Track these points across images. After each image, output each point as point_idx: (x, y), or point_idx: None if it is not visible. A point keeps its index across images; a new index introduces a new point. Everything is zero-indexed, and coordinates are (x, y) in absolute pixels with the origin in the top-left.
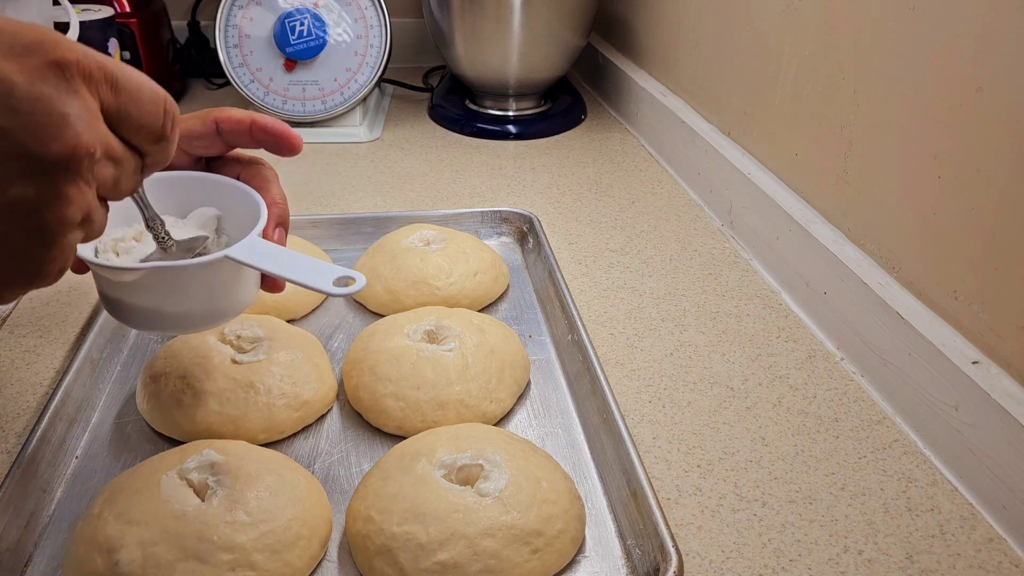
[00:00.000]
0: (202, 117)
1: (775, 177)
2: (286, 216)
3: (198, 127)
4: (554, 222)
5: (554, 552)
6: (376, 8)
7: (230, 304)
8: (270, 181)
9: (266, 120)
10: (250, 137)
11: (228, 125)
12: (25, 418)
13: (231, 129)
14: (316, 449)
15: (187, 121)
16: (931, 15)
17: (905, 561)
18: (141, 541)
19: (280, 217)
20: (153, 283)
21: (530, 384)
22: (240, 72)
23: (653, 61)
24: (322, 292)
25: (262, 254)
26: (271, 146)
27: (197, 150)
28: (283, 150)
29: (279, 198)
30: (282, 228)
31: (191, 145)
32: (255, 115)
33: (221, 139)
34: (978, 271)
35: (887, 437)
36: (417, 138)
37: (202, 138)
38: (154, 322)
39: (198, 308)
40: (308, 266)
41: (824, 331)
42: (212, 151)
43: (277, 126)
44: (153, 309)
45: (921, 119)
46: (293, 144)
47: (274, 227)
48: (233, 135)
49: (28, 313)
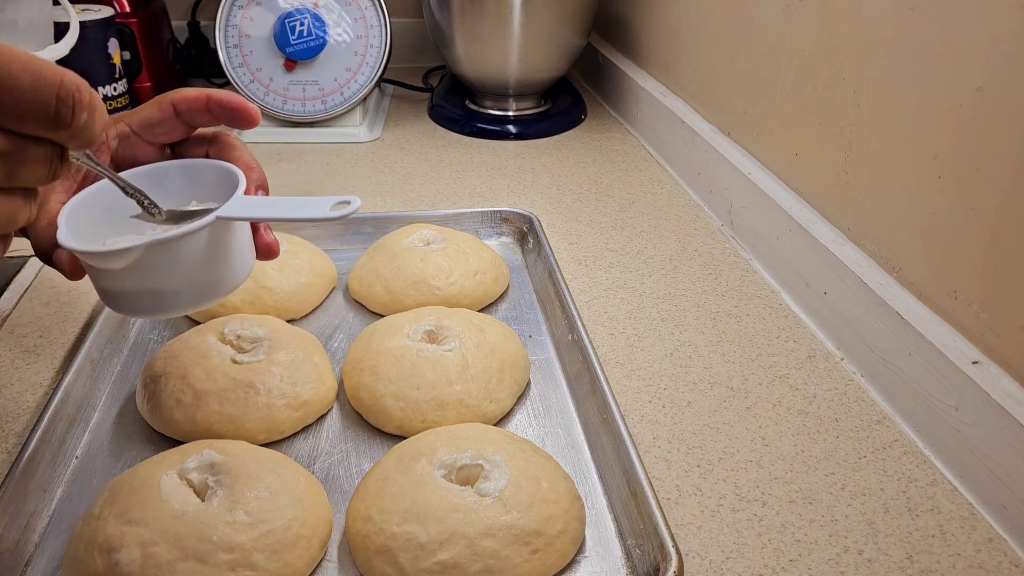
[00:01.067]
0: (158, 103)
1: (775, 177)
2: (263, 178)
3: (156, 114)
4: (554, 222)
5: (554, 552)
6: (376, 8)
7: (228, 272)
8: (238, 149)
9: (221, 94)
10: (208, 113)
11: (185, 104)
12: (25, 418)
13: (188, 108)
14: (316, 449)
15: (144, 110)
16: (931, 15)
17: (905, 561)
18: (141, 541)
19: (258, 180)
20: (146, 261)
21: (530, 384)
22: (240, 72)
23: (653, 61)
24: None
25: (252, 206)
26: (229, 120)
27: (159, 137)
28: (241, 122)
29: (252, 162)
30: (262, 190)
31: (152, 133)
32: (210, 91)
33: (180, 121)
34: (978, 271)
35: (887, 437)
36: (417, 138)
37: (162, 124)
38: (156, 304)
39: (196, 280)
40: (300, 202)
41: (824, 331)
42: (174, 136)
43: (233, 99)
44: (153, 290)
45: (921, 119)
46: (251, 116)
47: (255, 189)
48: (191, 114)
49: (28, 313)
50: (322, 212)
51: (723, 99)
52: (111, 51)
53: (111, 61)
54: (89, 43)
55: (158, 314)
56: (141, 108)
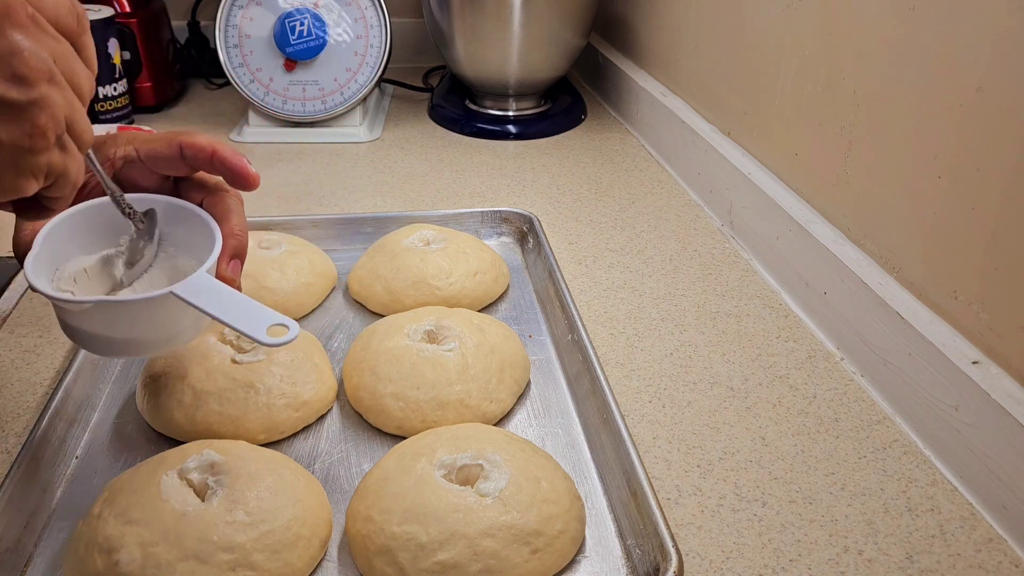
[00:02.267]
0: (168, 139)
1: (775, 177)
2: (243, 248)
3: (163, 149)
4: (554, 222)
5: (554, 552)
6: (376, 8)
7: (181, 330)
8: (232, 211)
9: (226, 152)
10: (211, 165)
11: (191, 151)
12: (25, 418)
13: (194, 156)
14: (316, 449)
15: (154, 142)
16: (931, 15)
17: (905, 561)
18: (141, 541)
19: (236, 249)
20: (102, 315)
21: (530, 384)
22: (240, 72)
23: (653, 61)
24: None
25: (203, 293)
26: (228, 179)
27: (162, 170)
28: (238, 184)
29: (238, 229)
30: (237, 260)
31: (156, 165)
32: (217, 145)
33: (184, 163)
34: (978, 271)
35: (887, 437)
36: (417, 138)
37: (167, 160)
38: (107, 347)
39: (148, 336)
40: (247, 310)
41: (824, 331)
42: (176, 173)
43: (235, 160)
44: (104, 336)
45: (921, 119)
46: (248, 181)
47: (228, 260)
48: (195, 160)
49: (28, 313)
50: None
51: (723, 99)
52: (111, 51)
53: (111, 61)
54: None
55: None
56: (152, 138)
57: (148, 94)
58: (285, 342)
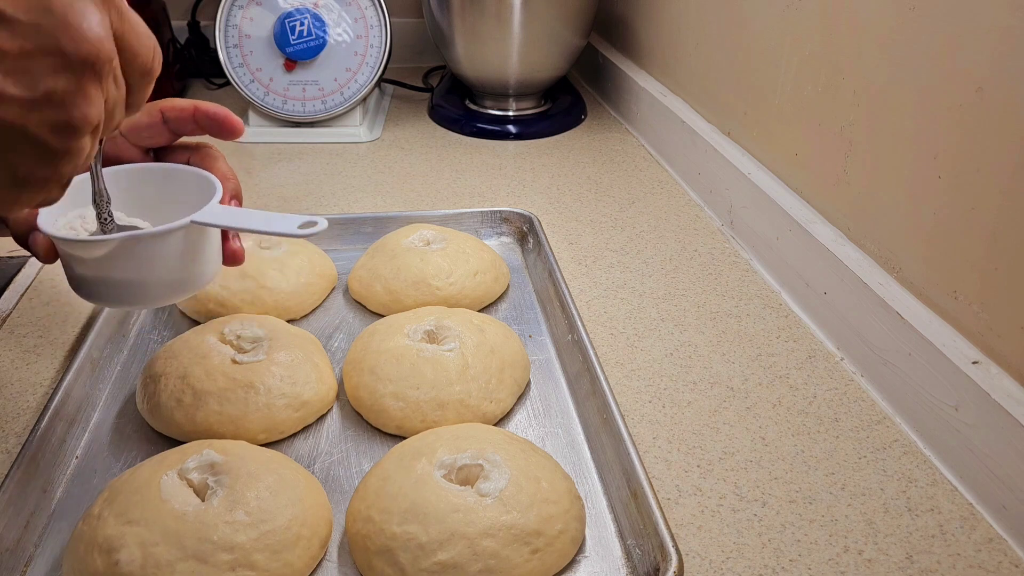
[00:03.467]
0: (148, 109)
1: (775, 177)
2: (238, 189)
3: (144, 119)
4: (554, 222)
5: (554, 552)
6: (376, 8)
7: (195, 273)
8: (217, 159)
9: (208, 106)
10: (194, 123)
11: (173, 113)
12: (25, 418)
13: (176, 117)
14: (316, 449)
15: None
16: (931, 15)
17: (905, 561)
18: (141, 541)
19: (234, 190)
20: (120, 254)
21: (530, 384)
22: (240, 72)
23: (653, 61)
24: (287, 235)
25: (224, 215)
26: (214, 130)
27: (145, 141)
28: (225, 133)
29: (229, 173)
30: (236, 200)
31: (139, 137)
32: (197, 102)
33: (167, 128)
34: (978, 271)
35: (887, 437)
36: (417, 138)
37: (149, 128)
38: (122, 295)
39: (164, 277)
40: (269, 216)
41: (824, 331)
42: (159, 141)
43: (219, 110)
44: (121, 280)
45: (921, 119)
46: (234, 126)
47: (229, 199)
48: (178, 123)
49: (28, 313)
50: (289, 228)
51: (723, 99)
52: None
53: None
54: None
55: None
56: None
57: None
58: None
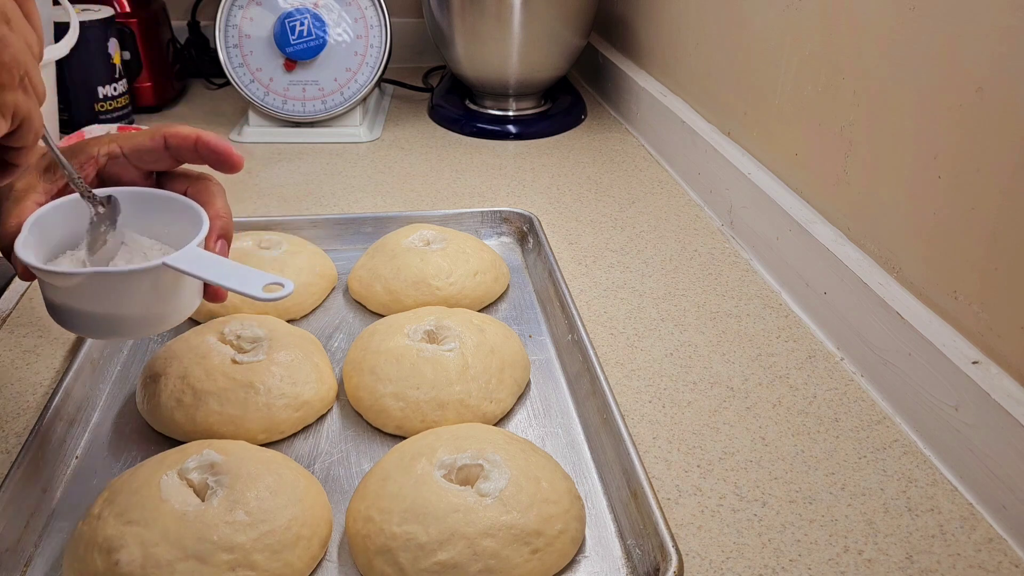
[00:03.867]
0: (151, 133)
1: (775, 177)
2: (229, 229)
3: (148, 143)
4: (554, 222)
5: (554, 552)
6: (376, 8)
7: (170, 309)
8: (215, 195)
9: (210, 138)
10: (195, 152)
11: (175, 140)
12: (25, 418)
13: (178, 145)
14: (316, 449)
15: (138, 137)
16: (931, 15)
17: (905, 561)
18: (141, 541)
19: (223, 229)
20: (91, 288)
21: (530, 384)
22: (240, 72)
23: (653, 61)
24: (251, 297)
25: (196, 261)
26: (213, 163)
27: (147, 165)
28: (224, 167)
29: (223, 211)
30: (224, 239)
31: (141, 160)
32: (200, 133)
33: (169, 154)
34: (978, 271)
35: (887, 437)
36: (417, 138)
37: (151, 153)
38: (96, 327)
39: (138, 312)
40: (239, 273)
41: (824, 331)
42: (161, 166)
43: (220, 144)
44: (94, 313)
45: (921, 119)
46: (233, 162)
47: (216, 239)
48: (180, 150)
49: (28, 313)
50: (254, 290)
51: (723, 99)
52: (111, 51)
53: (111, 61)
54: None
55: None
56: (135, 134)
57: (148, 94)
58: (281, 297)
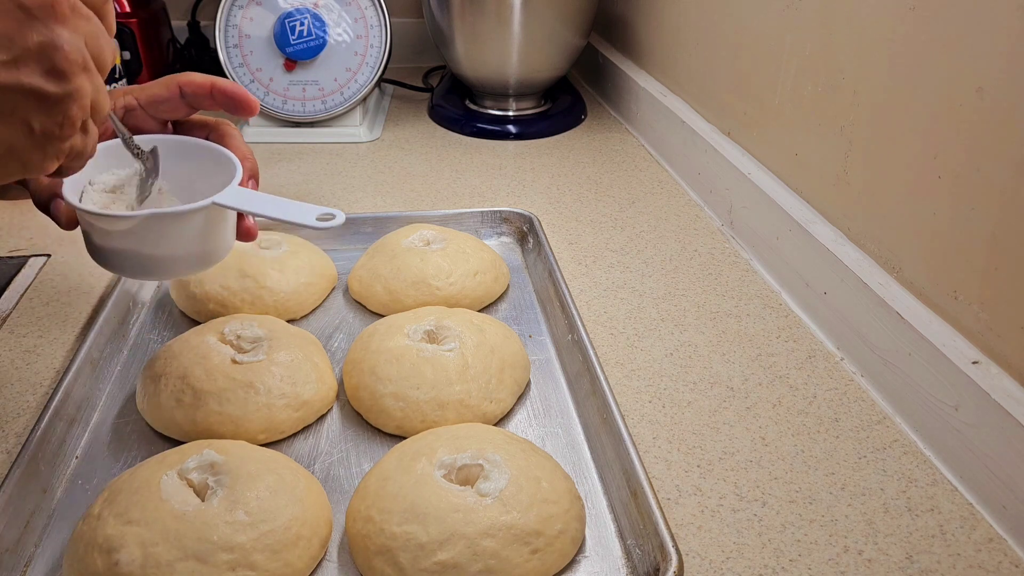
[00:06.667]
0: (166, 83)
1: (775, 177)
2: (255, 168)
3: (163, 92)
4: (554, 222)
5: (554, 552)
6: (376, 8)
7: (213, 249)
8: (235, 138)
9: (225, 83)
10: (211, 99)
11: (191, 88)
12: (25, 418)
13: (194, 92)
14: (316, 449)
15: (152, 87)
16: (931, 15)
17: (905, 561)
18: (141, 541)
19: (252, 170)
20: (140, 230)
21: (530, 384)
22: (240, 72)
23: (653, 61)
24: (305, 225)
25: (245, 198)
26: (230, 107)
27: (163, 114)
28: (241, 110)
29: (247, 153)
30: (254, 179)
31: (157, 109)
32: (215, 79)
33: (184, 102)
34: (978, 271)
35: (887, 437)
36: (417, 138)
37: (167, 102)
38: (138, 268)
39: (185, 251)
40: (288, 204)
41: (824, 331)
42: (177, 114)
43: (235, 88)
44: (143, 254)
45: (921, 119)
46: (250, 104)
47: (247, 179)
48: (195, 98)
49: (28, 313)
50: (308, 219)
51: (723, 99)
52: None
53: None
54: None
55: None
56: (149, 85)
57: None
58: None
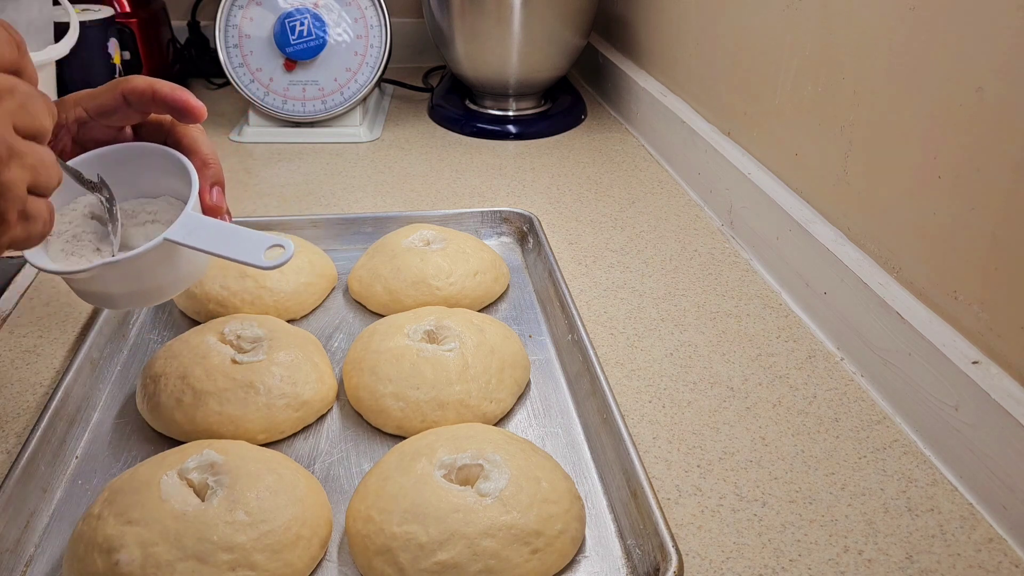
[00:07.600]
0: (111, 90)
1: (775, 177)
2: (220, 174)
3: (110, 102)
4: (554, 222)
5: (554, 552)
6: (376, 8)
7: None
8: (198, 142)
9: (164, 89)
10: (155, 105)
11: (134, 96)
12: (25, 418)
13: (137, 99)
14: (316, 449)
15: (101, 95)
16: (931, 15)
17: (905, 561)
18: (141, 541)
19: (215, 176)
20: (103, 276)
21: (530, 384)
22: (240, 72)
23: (653, 61)
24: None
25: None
26: (174, 115)
27: (116, 122)
28: (185, 119)
29: (210, 158)
30: (218, 187)
31: (109, 119)
32: (156, 85)
33: (132, 109)
34: (978, 271)
35: (887, 437)
36: (417, 138)
37: (116, 111)
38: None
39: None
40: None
41: (824, 331)
42: (129, 121)
43: (176, 95)
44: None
45: (921, 119)
46: (193, 110)
47: (210, 188)
48: (141, 104)
49: (28, 313)
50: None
51: (723, 99)
52: (111, 51)
53: (111, 61)
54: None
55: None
56: (97, 93)
57: None
58: (282, 263)
